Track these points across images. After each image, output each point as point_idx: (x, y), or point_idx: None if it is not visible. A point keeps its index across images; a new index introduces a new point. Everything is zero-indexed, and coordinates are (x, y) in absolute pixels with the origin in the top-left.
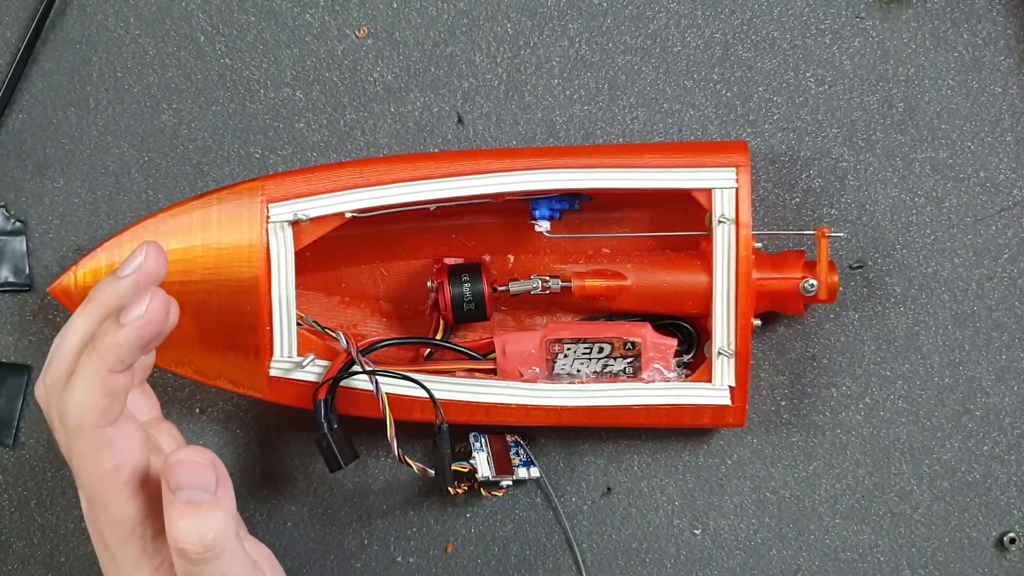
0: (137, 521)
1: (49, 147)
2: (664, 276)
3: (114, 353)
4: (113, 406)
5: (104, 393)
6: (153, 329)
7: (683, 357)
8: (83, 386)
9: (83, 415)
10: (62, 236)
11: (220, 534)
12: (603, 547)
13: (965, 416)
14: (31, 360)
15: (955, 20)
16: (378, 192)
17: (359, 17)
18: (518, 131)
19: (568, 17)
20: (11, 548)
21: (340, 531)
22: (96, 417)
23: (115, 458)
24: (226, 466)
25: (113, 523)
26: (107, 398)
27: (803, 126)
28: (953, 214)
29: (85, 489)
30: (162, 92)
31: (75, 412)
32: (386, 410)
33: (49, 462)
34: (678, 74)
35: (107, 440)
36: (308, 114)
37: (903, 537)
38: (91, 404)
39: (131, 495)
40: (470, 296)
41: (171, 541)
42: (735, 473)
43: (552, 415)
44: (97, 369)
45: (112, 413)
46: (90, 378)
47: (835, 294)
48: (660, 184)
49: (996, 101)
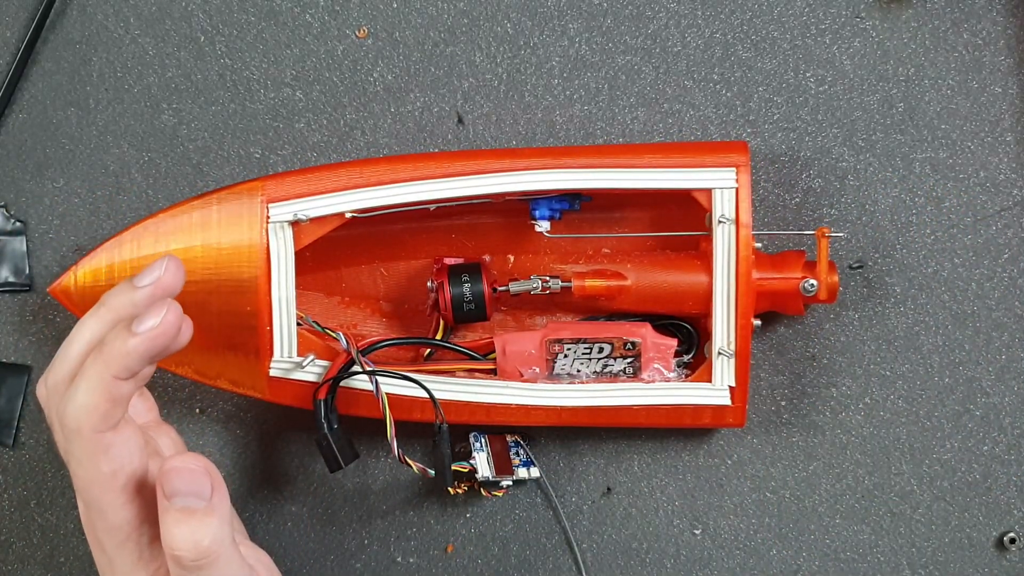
0: (133, 527)
1: (49, 147)
2: (664, 276)
3: (121, 360)
4: (114, 412)
5: (106, 398)
6: (164, 341)
7: (683, 357)
8: (86, 389)
9: (83, 419)
10: (62, 236)
11: (215, 541)
12: (603, 547)
13: (965, 416)
14: (31, 360)
15: (955, 20)
16: (378, 192)
17: (359, 17)
18: (518, 131)
19: (568, 17)
20: (11, 548)
21: (340, 531)
22: (96, 421)
23: (113, 463)
24: (226, 466)
25: (109, 528)
26: (109, 403)
27: (803, 126)
28: (953, 214)
29: (82, 493)
30: (162, 92)
31: (75, 415)
32: (386, 410)
33: (49, 462)
34: (678, 74)
35: (106, 445)
36: (308, 114)
37: (903, 537)
38: (92, 408)
39: (128, 500)
40: (470, 296)
41: (166, 548)
42: (735, 473)
43: (552, 415)
44: (102, 374)
45: (112, 418)
46: (94, 382)
47: (835, 294)
48: (660, 184)
49: (996, 101)
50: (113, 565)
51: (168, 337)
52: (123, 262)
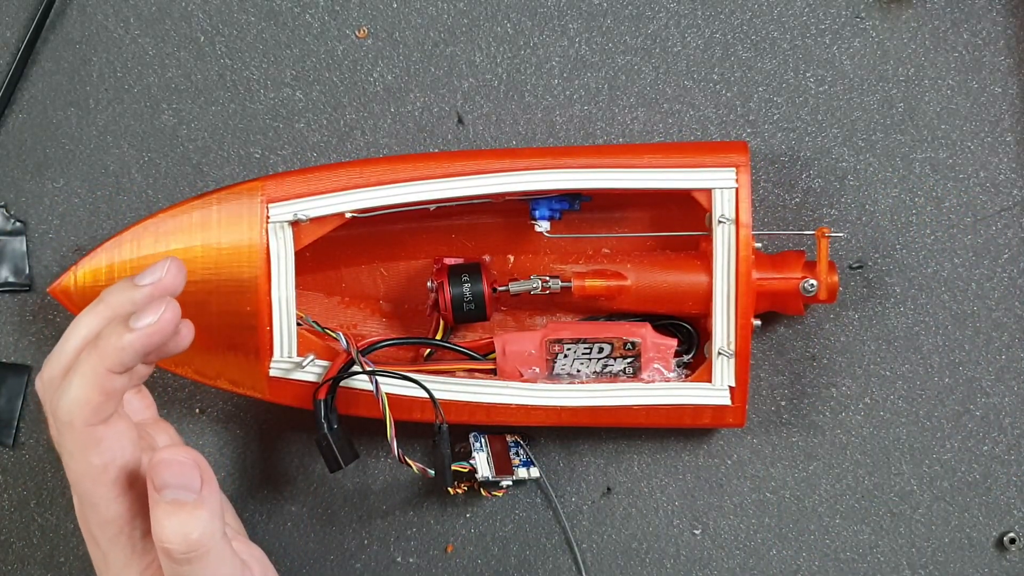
0: (125, 520)
1: (49, 147)
2: (664, 276)
3: (116, 355)
4: (106, 405)
5: (99, 391)
6: (160, 339)
7: (683, 357)
8: (79, 383)
9: (75, 411)
10: (62, 236)
11: (205, 534)
12: (603, 547)
13: (965, 416)
14: (31, 360)
15: (955, 20)
16: (378, 192)
17: (359, 17)
18: (518, 131)
19: (568, 17)
20: (11, 548)
21: (340, 531)
22: (88, 414)
23: (104, 456)
24: (226, 466)
25: (102, 521)
26: (101, 396)
27: (803, 126)
28: (953, 214)
29: (75, 486)
30: (162, 92)
31: (68, 407)
32: (386, 410)
33: (49, 462)
34: (678, 74)
35: (97, 438)
36: (308, 114)
37: (903, 537)
38: (85, 401)
39: (119, 494)
40: (470, 296)
41: (156, 540)
42: (735, 473)
43: (552, 415)
44: (96, 367)
45: (104, 412)
46: (87, 375)
47: (835, 294)
48: (660, 184)
49: (996, 101)
50: (107, 559)
51: (164, 335)
52: (123, 262)
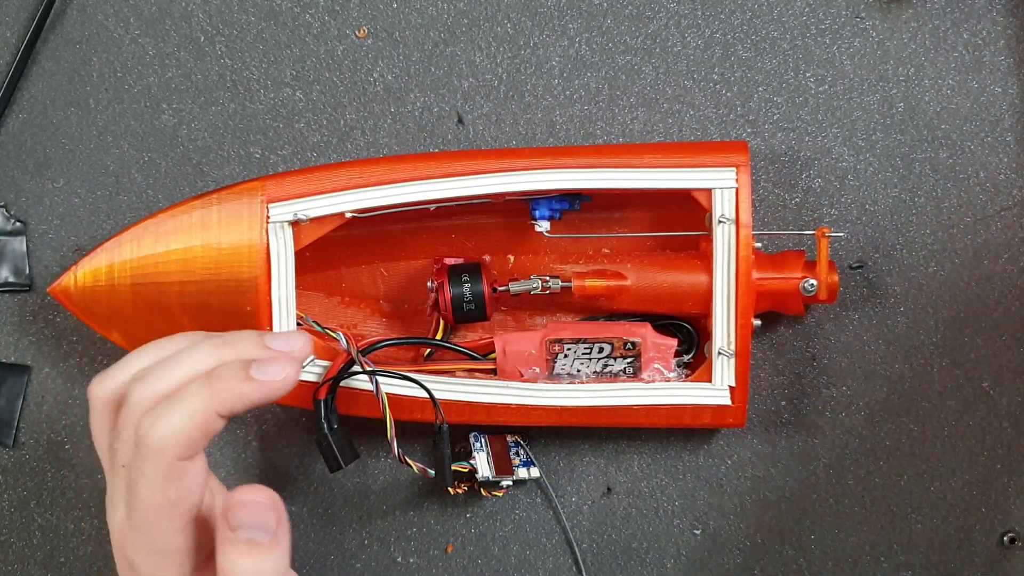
0: (181, 553)
1: (49, 147)
2: (664, 276)
3: (230, 399)
4: (201, 443)
5: (201, 429)
6: (275, 396)
7: (683, 357)
8: (184, 415)
9: (170, 442)
10: (62, 236)
11: (275, 574)
12: (603, 547)
13: (965, 416)
14: (31, 360)
15: (955, 20)
16: (378, 192)
17: (359, 17)
18: (518, 131)
19: (568, 17)
20: (11, 548)
21: (340, 531)
22: (182, 449)
23: (180, 491)
24: (226, 466)
25: (153, 550)
26: (200, 434)
27: (803, 126)
28: (953, 214)
29: (135, 511)
30: (162, 92)
31: (163, 436)
32: (386, 410)
33: (49, 462)
34: (678, 74)
35: (180, 472)
36: (308, 114)
37: (903, 537)
38: (185, 435)
39: (181, 528)
40: (470, 296)
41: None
42: (735, 473)
43: (552, 415)
44: (206, 405)
45: (196, 449)
46: (195, 410)
47: (835, 294)
48: (660, 184)
49: (996, 101)
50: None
51: (279, 394)
52: (123, 262)
